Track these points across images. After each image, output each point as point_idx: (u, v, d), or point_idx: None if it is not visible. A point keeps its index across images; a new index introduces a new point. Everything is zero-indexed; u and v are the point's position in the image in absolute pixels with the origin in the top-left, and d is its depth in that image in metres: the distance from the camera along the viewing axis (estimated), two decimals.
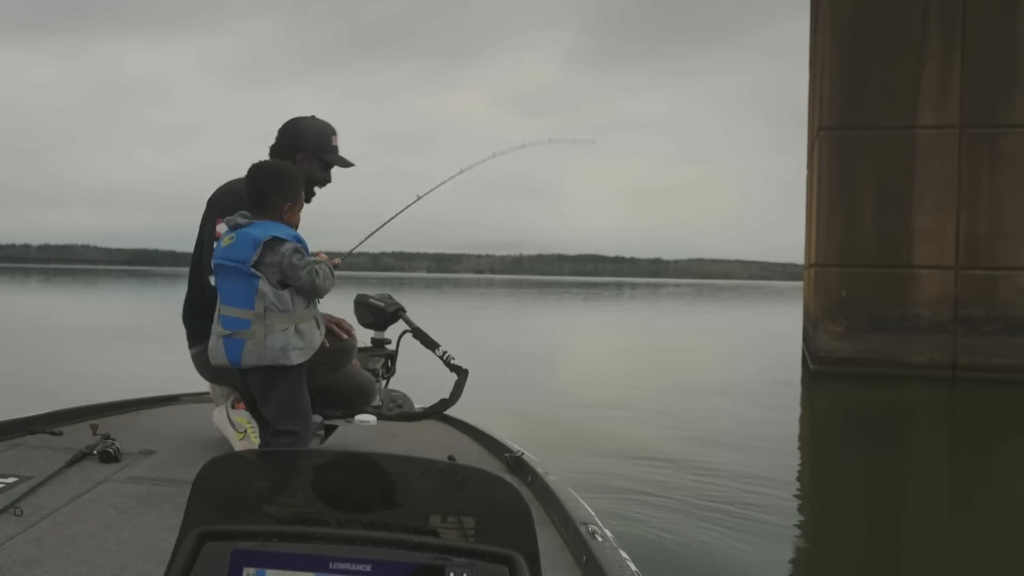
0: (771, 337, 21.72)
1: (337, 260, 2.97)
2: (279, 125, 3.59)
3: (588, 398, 10.95)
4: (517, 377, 11.82)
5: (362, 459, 0.91)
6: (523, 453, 3.12)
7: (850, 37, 11.45)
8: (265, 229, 2.65)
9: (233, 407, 3.42)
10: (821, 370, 11.50)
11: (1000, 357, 10.95)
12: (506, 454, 3.17)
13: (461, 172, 4.19)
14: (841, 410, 10.54)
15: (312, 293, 2.68)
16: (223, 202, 3.38)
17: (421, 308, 35.24)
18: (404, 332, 4.06)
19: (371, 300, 4.03)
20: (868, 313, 11.38)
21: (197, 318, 3.42)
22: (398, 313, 4.00)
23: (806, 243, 15.73)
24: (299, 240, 2.69)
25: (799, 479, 7.62)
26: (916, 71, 11.19)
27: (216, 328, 2.72)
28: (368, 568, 0.83)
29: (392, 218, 4.25)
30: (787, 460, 8.26)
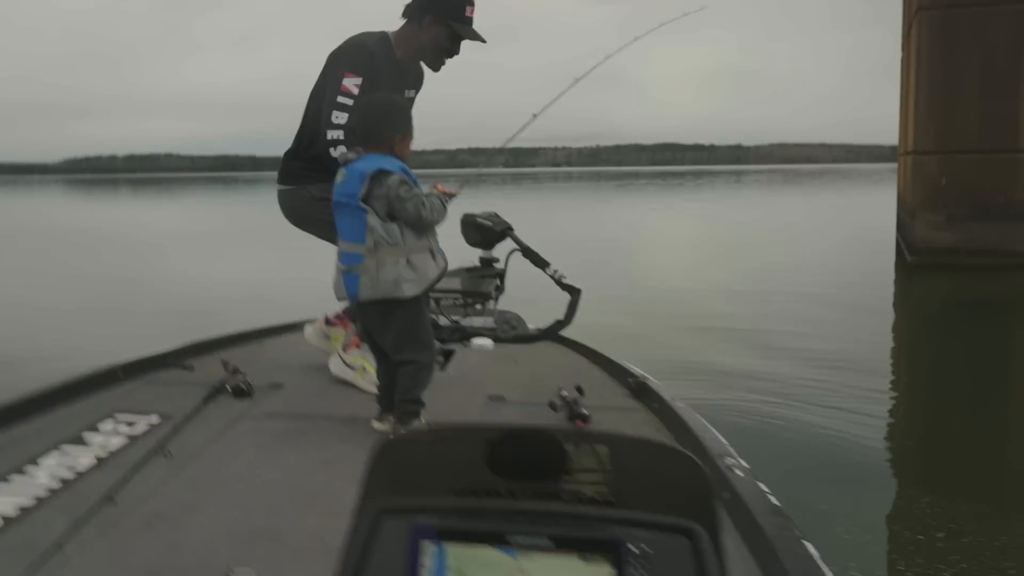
0: (861, 225, 21.15)
1: (455, 190, 2.97)
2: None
3: (675, 291, 10.89)
4: (602, 274, 11.68)
5: (539, 433, 0.93)
6: (647, 378, 3.13)
7: None
8: (372, 162, 2.66)
9: (345, 350, 3.50)
10: (919, 261, 11.21)
11: None
12: (629, 379, 3.18)
13: (576, 81, 4.11)
14: (941, 302, 10.31)
15: (420, 225, 2.68)
16: (350, 55, 3.38)
17: (500, 205, 35.01)
18: (513, 251, 4.07)
19: (478, 219, 4.04)
20: (969, 201, 10.99)
21: (295, 159, 3.55)
22: (506, 232, 4.01)
23: (901, 129, 15.15)
24: (406, 172, 2.70)
25: (899, 371, 7.56)
26: None
27: (336, 263, 2.79)
28: (547, 542, 0.84)
29: (511, 138, 4.23)
30: (886, 352, 8.19)
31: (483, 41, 3.49)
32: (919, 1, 11.13)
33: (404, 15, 3.49)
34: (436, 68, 3.56)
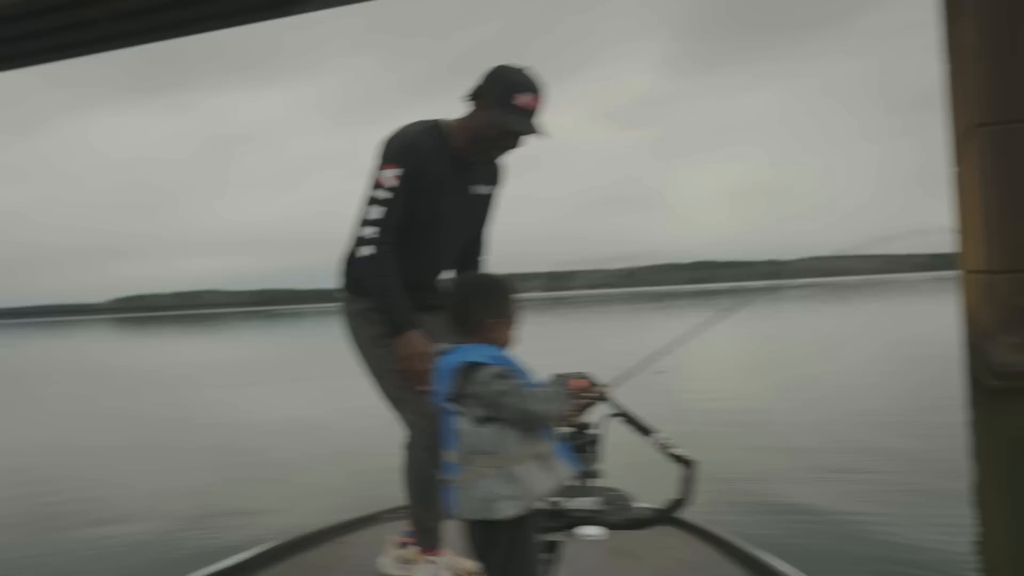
0: (918, 342, 20.41)
1: (601, 389, 2.57)
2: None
3: (730, 422, 10.30)
4: (658, 392, 11.17)
5: None
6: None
7: (1001, 22, 10.52)
8: (461, 354, 2.28)
9: (400, 545, 3.23)
10: (1004, 386, 10.52)
11: None
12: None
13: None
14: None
15: (526, 422, 2.23)
16: (390, 144, 3.07)
17: (539, 328, 35.09)
18: (611, 415, 3.60)
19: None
20: None
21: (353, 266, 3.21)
22: (603, 395, 3.56)
23: (962, 247, 14.65)
24: (501, 361, 2.29)
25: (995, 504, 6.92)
26: None
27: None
28: None
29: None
30: (981, 484, 7.55)
31: (533, 132, 3.04)
32: (977, 117, 10.79)
33: (467, 98, 3.11)
34: (495, 158, 3.24)
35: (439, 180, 3.10)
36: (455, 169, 3.15)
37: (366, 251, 2.99)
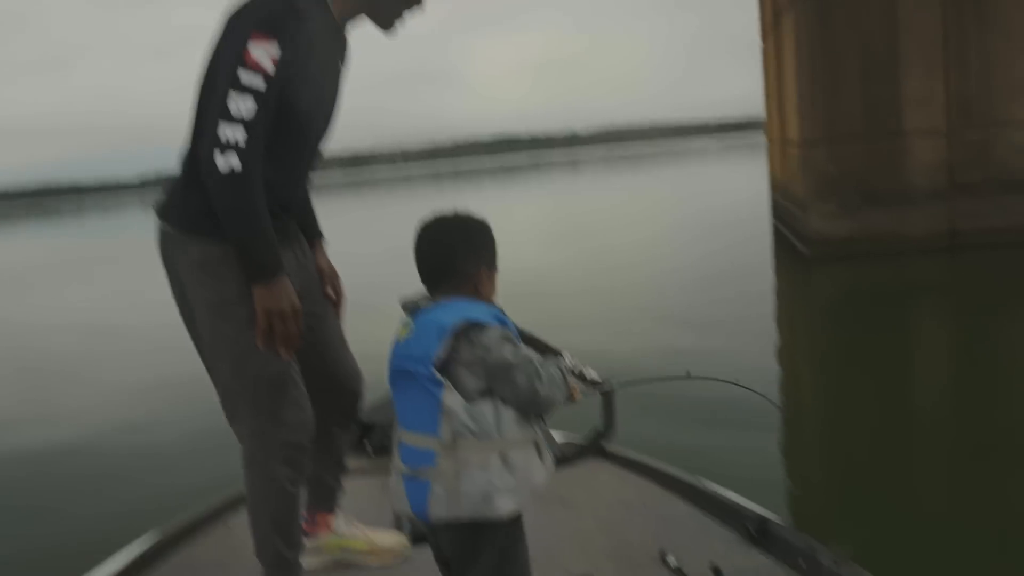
0: (725, 207, 21.17)
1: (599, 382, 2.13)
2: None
3: (548, 294, 10.30)
4: None
5: None
6: (767, 519, 2.42)
7: None
8: (455, 311, 1.81)
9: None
10: (817, 253, 10.99)
11: (999, 219, 10.56)
12: (746, 522, 2.44)
13: (688, 378, 3.06)
14: (841, 293, 10.13)
15: (532, 406, 1.82)
16: (262, 7, 2.20)
17: (342, 217, 34.11)
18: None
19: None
20: (861, 189, 10.84)
21: (184, 189, 2.32)
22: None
23: (768, 118, 15.10)
24: (504, 322, 1.85)
25: (810, 369, 7.32)
26: None
27: (395, 463, 1.89)
28: None
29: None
30: (795, 350, 7.97)
31: None
32: None
33: None
34: (389, 26, 2.46)
35: (325, 60, 2.38)
36: (334, 46, 2.44)
37: (229, 163, 2.10)
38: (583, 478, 2.99)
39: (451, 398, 1.76)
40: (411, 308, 1.89)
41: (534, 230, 20.55)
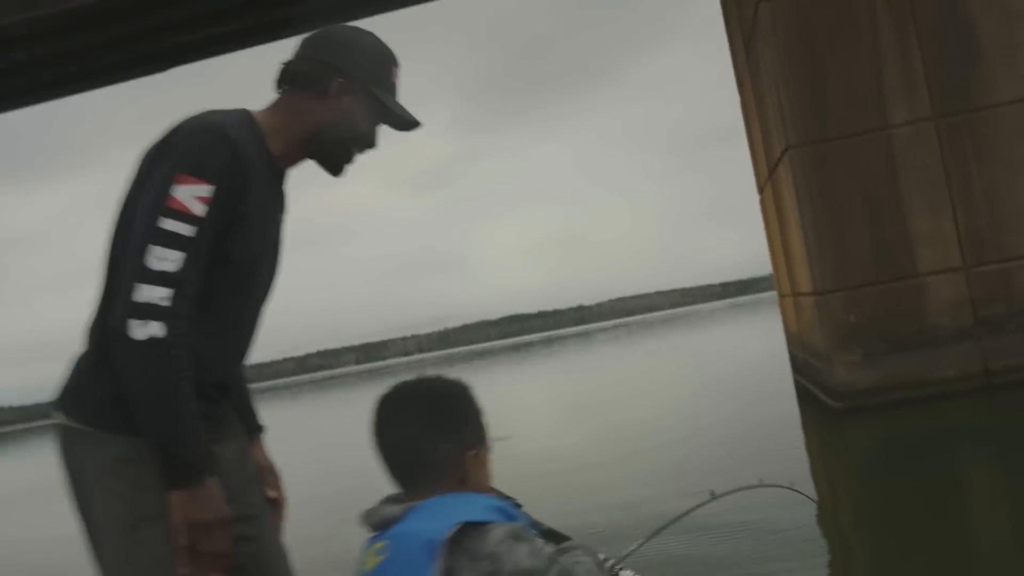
0: (743, 367, 20.67)
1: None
2: None
3: (567, 469, 9.69)
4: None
5: None
6: None
7: (799, 47, 10.61)
8: (441, 513, 1.36)
9: None
10: (846, 405, 10.41)
11: None
12: None
13: (715, 498, 2.44)
14: (876, 444, 9.54)
15: None
16: (186, 145, 1.79)
17: (356, 406, 33.54)
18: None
19: None
20: (883, 335, 10.38)
21: (88, 373, 1.87)
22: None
23: (776, 272, 14.85)
24: (510, 516, 1.41)
25: (853, 527, 6.73)
26: (876, 68, 10.39)
27: None
28: None
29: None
30: (837, 507, 7.35)
31: (419, 126, 2.09)
32: (787, 140, 10.78)
33: (282, 84, 2.04)
34: (337, 171, 2.07)
35: (264, 204, 1.98)
36: (274, 188, 2.06)
37: (148, 330, 1.65)
38: None
39: None
40: (379, 521, 1.39)
41: (549, 406, 20.03)
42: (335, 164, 2.08)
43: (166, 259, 1.67)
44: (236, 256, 1.87)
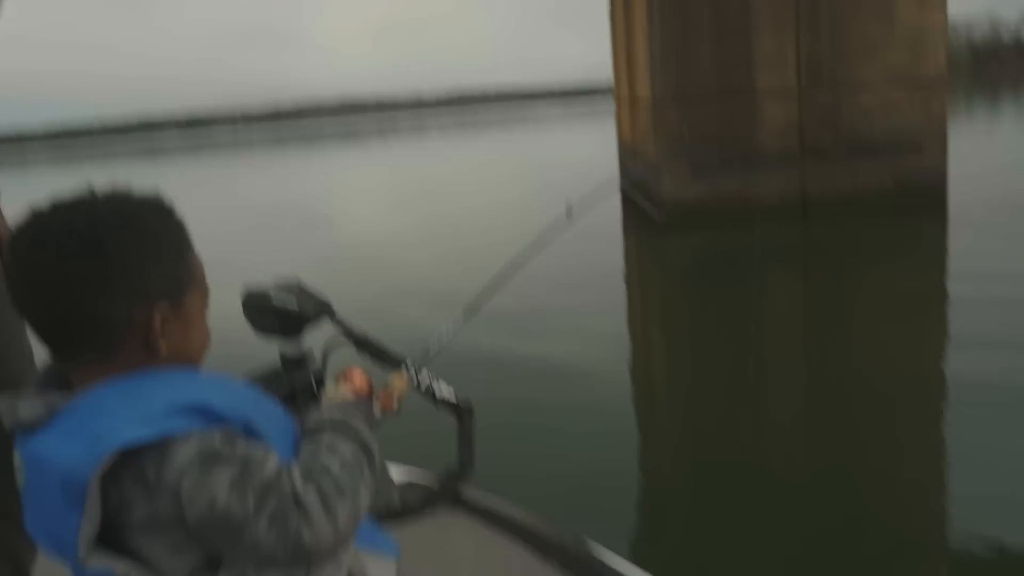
0: (574, 174, 20.81)
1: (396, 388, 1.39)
2: None
3: (392, 264, 9.60)
4: (301, 236, 10.73)
5: None
6: None
7: None
8: (93, 427, 0.93)
9: None
10: (669, 218, 10.59)
11: (848, 182, 10.43)
12: None
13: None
14: (693, 258, 9.83)
15: (312, 557, 0.99)
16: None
17: (179, 182, 32.08)
18: (332, 340, 2.46)
19: (273, 300, 2.36)
20: (712, 151, 10.49)
21: None
22: (323, 313, 2.39)
23: (617, 79, 14.66)
24: (211, 412, 0.98)
25: (662, 334, 7.10)
26: None
27: None
28: None
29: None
30: (647, 316, 7.68)
31: None
32: None
33: None
34: None
35: None
36: None
37: None
38: (431, 538, 2.24)
39: None
40: (15, 422, 0.98)
41: (378, 196, 19.67)
42: None
43: None
44: None
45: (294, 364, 2.52)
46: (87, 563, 0.93)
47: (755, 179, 10.41)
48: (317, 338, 2.10)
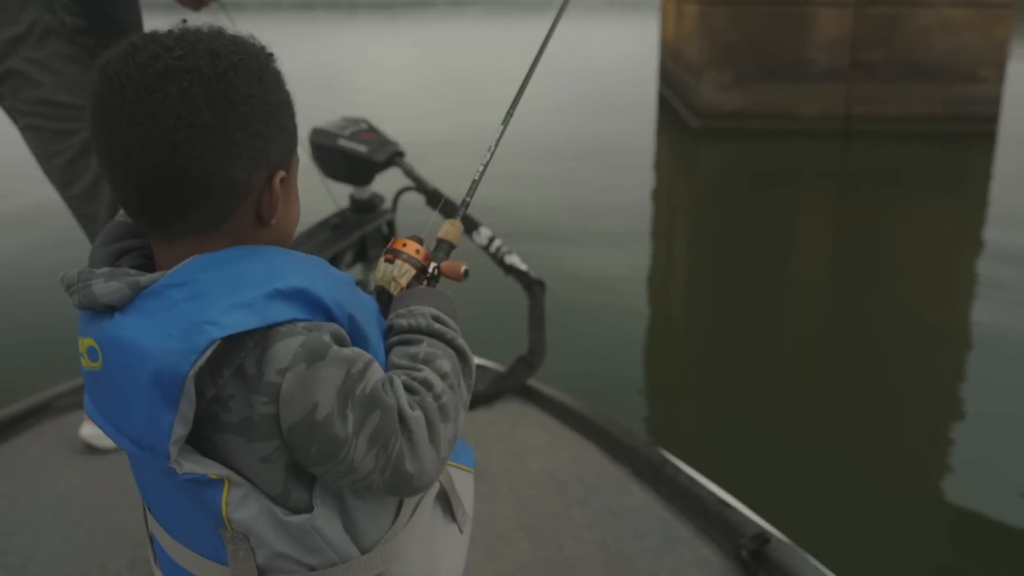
0: (611, 69, 20.19)
1: (458, 266, 1.05)
2: None
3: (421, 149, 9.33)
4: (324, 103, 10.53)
5: None
6: (768, 537, 1.71)
7: None
8: (191, 313, 0.76)
9: None
10: (705, 126, 10.23)
11: (896, 106, 9.98)
12: (741, 540, 1.72)
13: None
14: (723, 168, 9.50)
15: (397, 488, 0.86)
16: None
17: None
18: (403, 191, 2.30)
19: (342, 141, 2.17)
20: (758, 59, 10.02)
21: None
22: (394, 159, 2.21)
23: None
24: (318, 303, 0.81)
25: (685, 251, 6.96)
26: None
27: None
28: None
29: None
30: (666, 225, 7.49)
31: None
32: None
33: None
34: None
35: None
36: None
37: None
38: (501, 428, 2.10)
39: (244, 507, 0.82)
40: (87, 302, 0.81)
41: (407, 76, 19.19)
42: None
43: None
44: None
45: (365, 206, 2.33)
46: (179, 467, 0.80)
47: (799, 93, 9.98)
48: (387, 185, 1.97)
